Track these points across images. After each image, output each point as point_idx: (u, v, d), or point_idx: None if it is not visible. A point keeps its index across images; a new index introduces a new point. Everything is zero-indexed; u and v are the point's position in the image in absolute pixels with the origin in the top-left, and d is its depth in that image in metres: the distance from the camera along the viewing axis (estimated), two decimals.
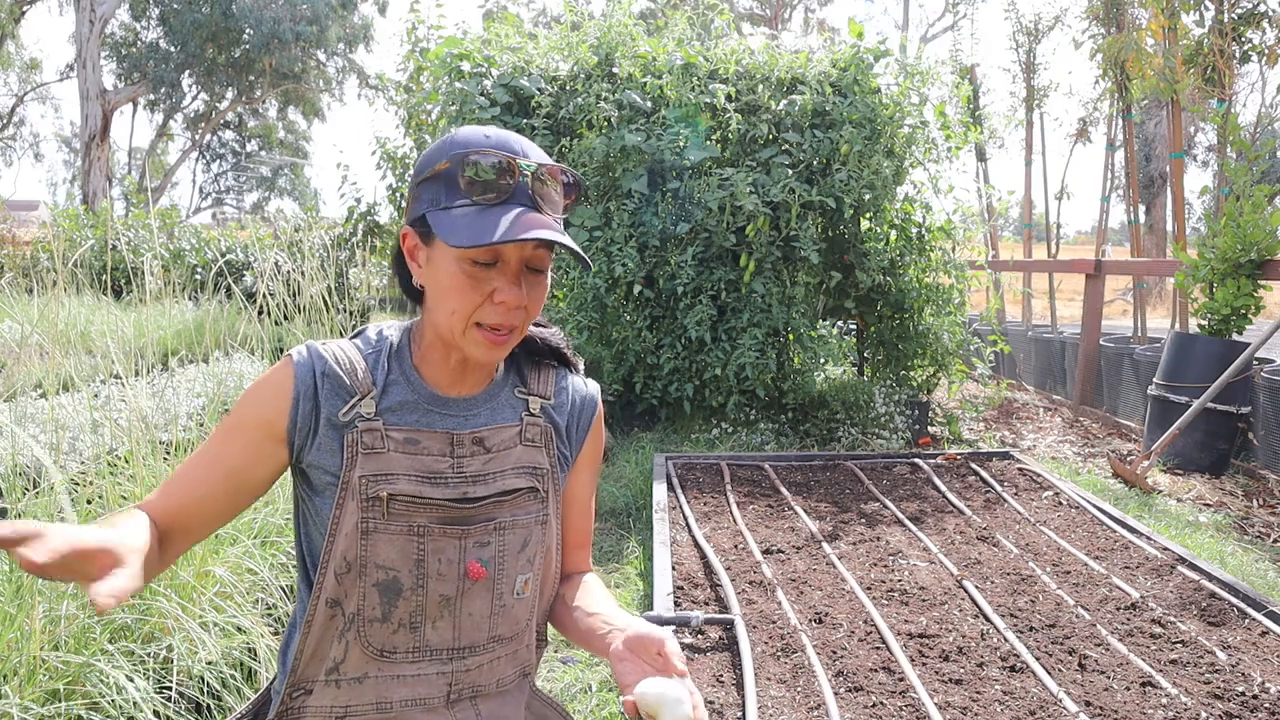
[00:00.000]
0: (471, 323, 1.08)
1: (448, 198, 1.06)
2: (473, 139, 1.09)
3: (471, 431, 1.16)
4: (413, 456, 1.12)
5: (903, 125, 5.41)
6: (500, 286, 1.07)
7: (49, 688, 1.81)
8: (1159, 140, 16.00)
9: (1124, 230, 21.75)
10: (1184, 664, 2.32)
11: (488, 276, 1.07)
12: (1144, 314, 7.05)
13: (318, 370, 1.11)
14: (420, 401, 1.15)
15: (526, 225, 1.04)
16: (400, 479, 1.10)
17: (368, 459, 1.10)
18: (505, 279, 1.07)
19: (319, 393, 1.10)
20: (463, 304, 1.07)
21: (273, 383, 1.11)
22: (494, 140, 1.09)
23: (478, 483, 1.14)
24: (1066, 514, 3.65)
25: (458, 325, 1.08)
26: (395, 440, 1.11)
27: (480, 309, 1.07)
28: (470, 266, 1.06)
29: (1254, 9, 5.64)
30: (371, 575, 1.10)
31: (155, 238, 9.56)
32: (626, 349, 5.25)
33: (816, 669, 2.24)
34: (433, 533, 1.11)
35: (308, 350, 1.13)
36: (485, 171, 1.06)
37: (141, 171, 29.98)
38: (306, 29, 20.90)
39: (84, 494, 2.37)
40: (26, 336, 3.07)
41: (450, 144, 1.09)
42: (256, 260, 8.15)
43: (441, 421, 1.15)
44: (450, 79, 5.52)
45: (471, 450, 1.15)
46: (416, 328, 1.19)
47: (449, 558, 1.12)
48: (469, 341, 1.10)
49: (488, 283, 1.07)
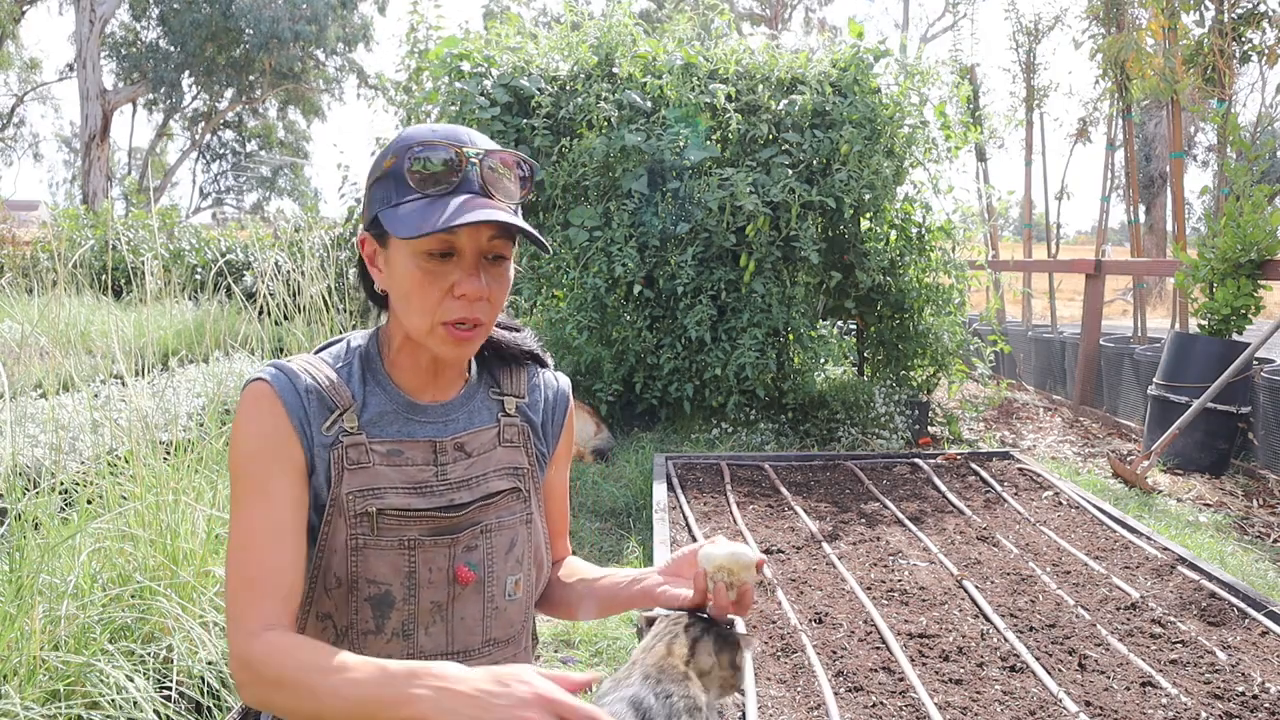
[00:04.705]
0: (437, 322, 1.06)
1: (397, 194, 1.05)
2: (418, 134, 1.07)
3: (453, 438, 1.15)
4: (398, 468, 1.10)
5: (903, 125, 5.41)
6: (459, 279, 1.05)
7: (49, 688, 1.81)
8: (1159, 140, 15.99)
9: (1124, 230, 21.74)
10: (1184, 664, 2.32)
11: (445, 270, 1.05)
12: (1144, 314, 7.05)
13: (299, 388, 1.07)
14: (399, 411, 1.13)
15: (472, 209, 1.02)
16: (388, 493, 1.09)
17: (354, 474, 1.07)
18: (463, 270, 1.05)
19: (307, 410, 1.07)
20: (424, 301, 1.05)
21: (266, 421, 1.05)
22: (440, 133, 1.07)
23: (462, 488, 1.14)
24: (1066, 514, 3.65)
25: (423, 325, 1.07)
26: (379, 454, 1.09)
27: (442, 305, 1.05)
28: (426, 261, 1.04)
29: (1254, 9, 5.64)
30: (363, 591, 1.08)
31: (155, 238, 9.56)
32: (626, 349, 5.25)
33: (816, 669, 2.24)
34: (424, 544, 1.10)
35: (279, 371, 1.08)
36: (432, 164, 1.04)
37: (141, 171, 29.98)
38: (306, 29, 20.88)
39: (84, 494, 2.37)
40: (26, 336, 3.07)
41: (397, 142, 1.08)
42: (256, 260, 8.15)
43: (422, 429, 1.13)
44: (450, 79, 5.52)
45: (454, 456, 1.14)
46: (384, 334, 1.16)
47: (438, 565, 1.11)
48: (436, 340, 1.08)
49: (445, 277, 1.05)
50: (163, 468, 2.45)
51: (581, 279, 5.20)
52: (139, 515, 2.26)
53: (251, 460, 1.05)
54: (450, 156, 1.05)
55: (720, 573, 1.12)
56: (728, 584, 1.11)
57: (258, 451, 1.05)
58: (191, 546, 2.26)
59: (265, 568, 1.02)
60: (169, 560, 2.18)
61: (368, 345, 1.15)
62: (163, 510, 2.26)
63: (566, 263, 5.27)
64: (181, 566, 2.18)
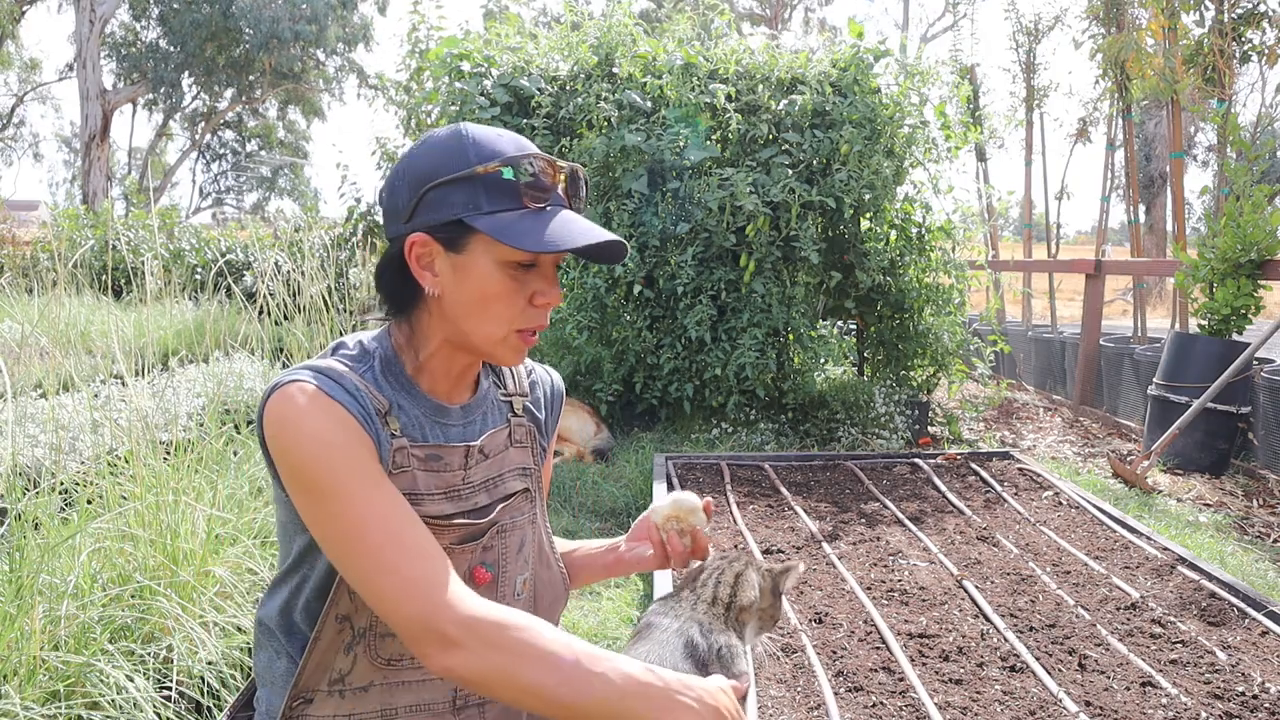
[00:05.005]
0: (512, 329, 1.06)
1: (490, 202, 1.02)
2: (499, 141, 1.05)
3: (480, 442, 1.14)
4: (435, 474, 1.09)
5: (903, 125, 5.41)
6: (540, 289, 1.06)
7: (49, 688, 1.81)
8: (1159, 140, 16.00)
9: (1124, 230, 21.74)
10: (1184, 664, 2.32)
11: (527, 279, 1.06)
12: (1144, 314, 7.05)
13: (347, 387, 1.03)
14: (428, 415, 1.11)
15: (589, 227, 1.04)
16: (425, 500, 1.07)
17: (397, 479, 1.04)
18: (545, 280, 1.07)
19: (365, 407, 1.03)
20: (508, 309, 1.05)
21: (334, 412, 0.99)
22: (519, 142, 1.07)
23: (482, 490, 1.14)
24: (1066, 514, 3.65)
25: (497, 332, 1.06)
26: (418, 459, 1.08)
27: (524, 313, 1.06)
28: (514, 270, 1.04)
29: (1254, 9, 5.64)
30: None
31: (155, 238, 9.56)
32: (626, 349, 5.25)
33: (816, 669, 2.24)
34: (452, 553, 1.09)
35: (316, 374, 1.02)
36: (542, 176, 1.05)
37: (141, 171, 29.98)
38: (306, 28, 20.88)
39: (84, 494, 2.37)
40: (26, 336, 3.07)
41: (472, 145, 1.04)
42: (256, 260, 8.16)
43: (449, 433, 1.12)
44: (450, 79, 5.52)
45: (477, 459, 1.14)
46: (400, 337, 1.12)
47: (459, 568, 1.10)
48: (505, 347, 1.07)
49: (528, 285, 1.06)
50: (163, 468, 2.45)
51: (581, 278, 5.20)
52: (139, 515, 2.26)
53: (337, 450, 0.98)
54: (546, 168, 1.06)
55: (669, 523, 1.22)
56: (679, 531, 1.22)
57: (343, 442, 0.98)
58: (191, 546, 2.26)
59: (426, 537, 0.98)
60: (169, 560, 2.18)
61: (384, 349, 1.11)
62: (163, 510, 2.26)
63: (567, 262, 5.27)
64: (181, 566, 2.18)
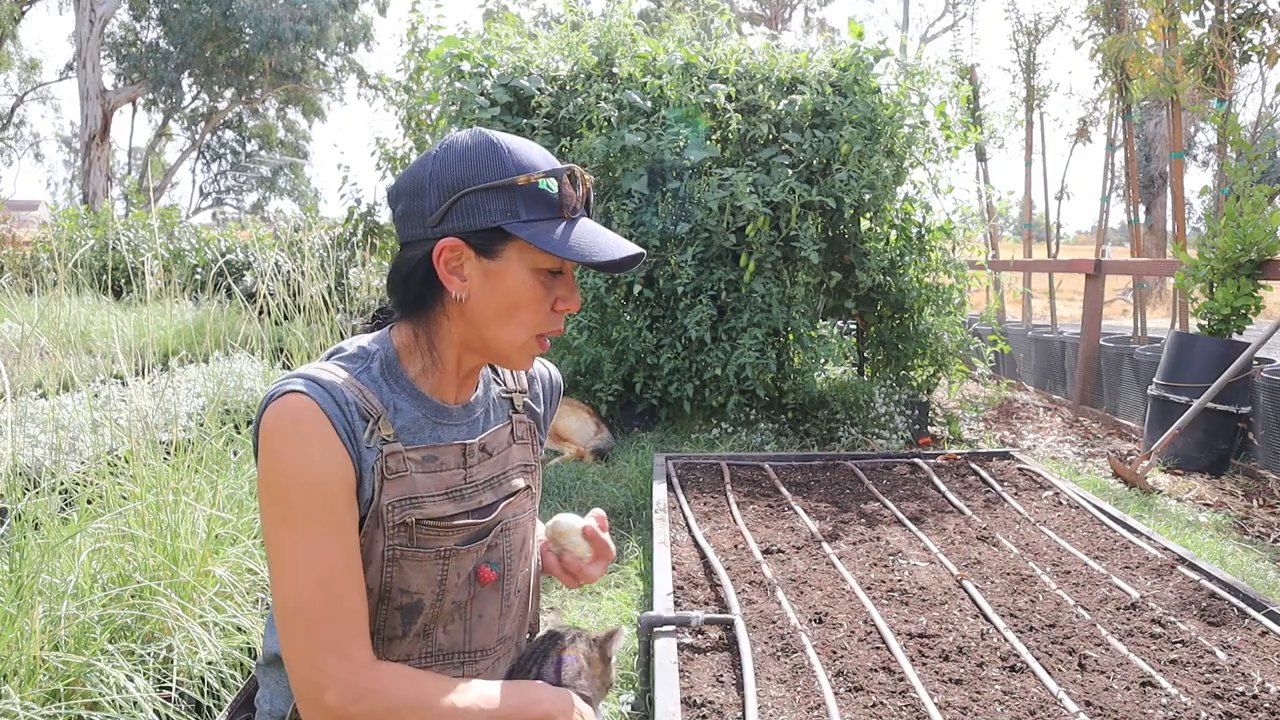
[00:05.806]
0: (534, 334, 1.09)
1: (528, 211, 1.03)
2: (531, 153, 1.07)
3: (480, 439, 1.15)
4: (433, 475, 1.09)
5: (903, 125, 5.41)
6: (563, 294, 1.09)
7: (49, 688, 1.81)
8: (1159, 140, 15.99)
9: (1124, 230, 21.74)
10: (1184, 664, 2.32)
11: (553, 285, 1.08)
12: (1144, 314, 7.05)
13: (338, 400, 1.03)
14: (428, 416, 1.11)
15: (618, 240, 1.08)
16: (425, 502, 1.07)
17: (393, 484, 1.05)
18: (567, 287, 1.10)
19: (351, 422, 1.03)
20: (535, 314, 1.08)
21: (317, 442, 1.00)
22: (547, 155, 1.10)
23: (487, 489, 1.14)
24: (1066, 514, 3.65)
25: (520, 337, 1.07)
26: (415, 461, 1.08)
27: (548, 318, 1.09)
28: (544, 277, 1.07)
29: (1254, 9, 5.64)
30: (395, 600, 1.08)
31: (155, 238, 9.56)
32: (626, 349, 5.25)
33: (816, 669, 2.24)
34: (457, 553, 1.10)
35: (313, 383, 1.03)
36: (575, 188, 1.08)
37: (141, 171, 29.97)
38: (306, 28, 20.88)
39: (84, 494, 2.37)
40: (27, 336, 3.07)
41: (509, 155, 1.05)
42: (256, 260, 8.15)
43: (449, 433, 1.12)
44: (450, 79, 5.52)
45: (479, 457, 1.14)
46: (405, 339, 1.12)
47: (465, 569, 1.11)
48: (525, 352, 1.10)
49: (553, 291, 1.08)
50: (163, 468, 2.45)
51: (581, 279, 5.20)
52: (139, 515, 2.26)
53: (312, 488, 1.00)
54: (580, 182, 1.09)
55: (552, 544, 1.27)
56: (557, 553, 1.26)
57: (318, 479, 1.00)
58: (191, 546, 2.26)
59: (359, 598, 1.02)
60: (169, 560, 2.18)
61: (386, 350, 1.11)
62: (163, 510, 2.26)
63: None
64: (181, 566, 2.18)
